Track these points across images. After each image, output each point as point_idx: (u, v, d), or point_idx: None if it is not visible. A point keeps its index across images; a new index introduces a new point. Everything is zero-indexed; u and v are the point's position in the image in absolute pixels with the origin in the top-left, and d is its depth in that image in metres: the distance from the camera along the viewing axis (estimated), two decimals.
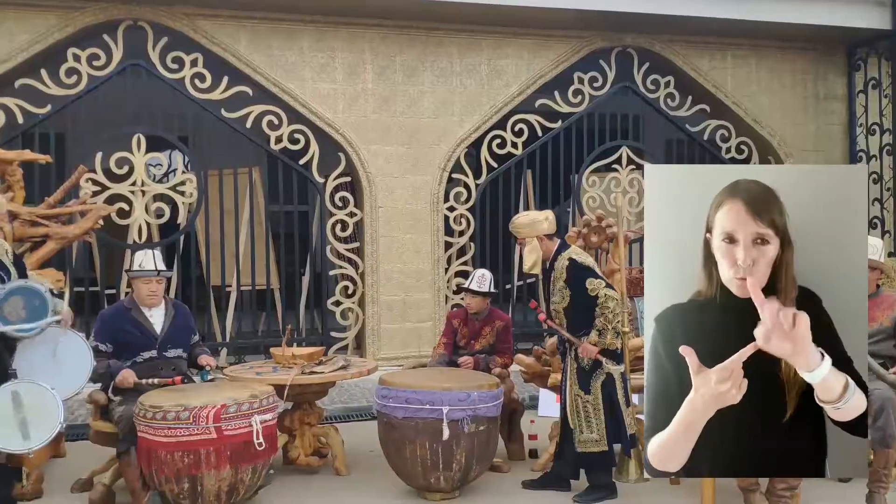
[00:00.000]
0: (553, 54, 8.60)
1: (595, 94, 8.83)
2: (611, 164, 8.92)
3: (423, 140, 8.30)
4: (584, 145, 8.88)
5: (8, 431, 3.56)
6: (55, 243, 5.40)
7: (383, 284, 8.24)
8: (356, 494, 4.63)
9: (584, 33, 8.63)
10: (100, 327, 4.55)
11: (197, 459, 3.91)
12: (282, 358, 5.16)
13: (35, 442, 3.62)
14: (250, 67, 7.80)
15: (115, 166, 7.48)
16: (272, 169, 8.36)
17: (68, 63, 7.36)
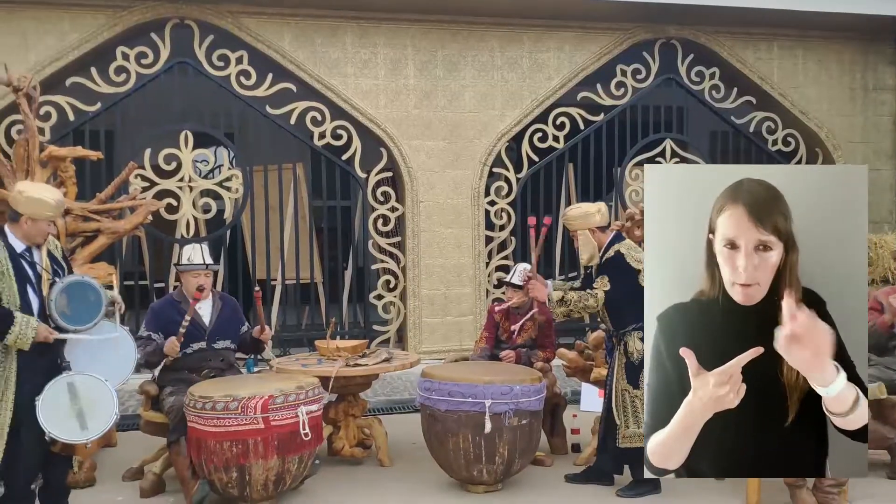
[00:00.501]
0: (595, 47, 8.55)
1: (638, 87, 8.75)
2: (654, 156, 8.84)
3: (464, 134, 8.32)
4: (627, 138, 8.81)
5: (66, 422, 3.66)
6: (106, 238, 5.53)
7: (424, 278, 8.29)
8: (400, 485, 4.67)
9: (626, 25, 8.56)
10: (150, 318, 4.67)
11: (245, 449, 3.99)
12: (326, 350, 5.23)
13: (93, 432, 3.71)
14: (294, 64, 7.89)
15: (164, 162, 7.64)
16: (315, 164, 8.46)
17: (117, 61, 7.54)
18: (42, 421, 3.60)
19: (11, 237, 3.74)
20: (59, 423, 3.64)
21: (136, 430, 4.93)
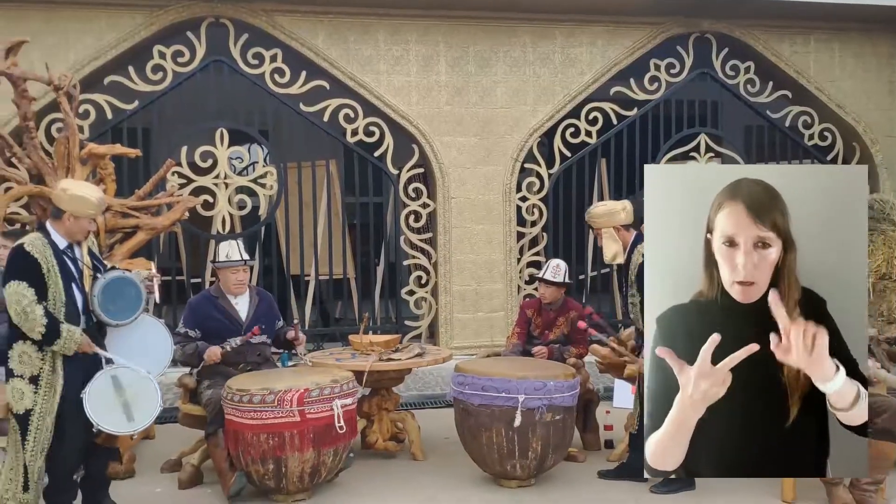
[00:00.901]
0: (628, 41, 8.50)
1: (672, 81, 8.69)
2: (688, 152, 8.77)
3: (496, 130, 8.32)
4: (661, 133, 8.75)
5: (113, 415, 3.74)
6: (145, 234, 5.62)
7: (456, 274, 8.31)
8: (433, 479, 4.71)
9: (660, 19, 8.49)
10: (188, 314, 4.76)
11: (281, 441, 4.06)
12: (360, 345, 5.28)
13: (139, 424, 3.80)
14: (327, 62, 7.96)
15: (200, 160, 7.75)
16: (348, 161, 8.52)
17: (154, 60, 7.66)
18: (90, 414, 3.69)
19: (54, 234, 3.81)
20: (106, 415, 3.72)
21: (175, 423, 5.02)
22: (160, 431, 5.59)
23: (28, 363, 3.70)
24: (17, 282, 3.64)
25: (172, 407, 5.26)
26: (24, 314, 3.61)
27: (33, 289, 3.64)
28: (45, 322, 3.61)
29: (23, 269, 3.67)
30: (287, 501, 4.25)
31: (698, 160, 8.74)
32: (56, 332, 3.65)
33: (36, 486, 3.76)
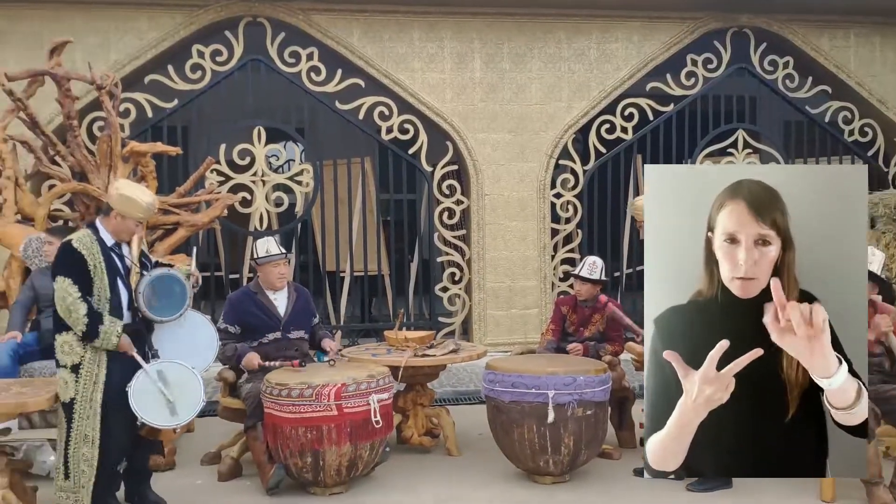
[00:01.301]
0: (664, 36, 8.43)
1: (709, 76, 8.61)
2: (726, 147, 8.69)
3: (530, 127, 8.32)
4: (698, 129, 8.68)
5: (157, 408, 3.82)
6: (185, 230, 5.73)
7: (489, 271, 8.33)
8: (468, 475, 4.73)
9: (697, 14, 8.42)
10: (228, 310, 4.83)
11: (319, 435, 4.11)
12: (395, 341, 5.32)
13: (182, 418, 3.88)
14: (363, 60, 8.02)
15: (238, 157, 7.87)
16: (383, 158, 8.58)
17: (193, 59, 7.79)
18: (135, 407, 3.77)
19: (102, 231, 3.90)
20: (150, 409, 3.80)
21: (214, 416, 5.11)
22: (200, 424, 5.68)
23: (70, 353, 3.81)
24: (63, 277, 3.75)
25: (212, 400, 5.35)
26: (69, 311, 3.73)
27: (78, 285, 3.74)
28: (86, 321, 3.72)
29: (69, 264, 3.78)
30: (325, 494, 4.31)
31: (736, 156, 8.66)
32: (95, 332, 3.74)
33: (78, 474, 3.84)
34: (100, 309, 3.80)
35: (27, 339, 4.89)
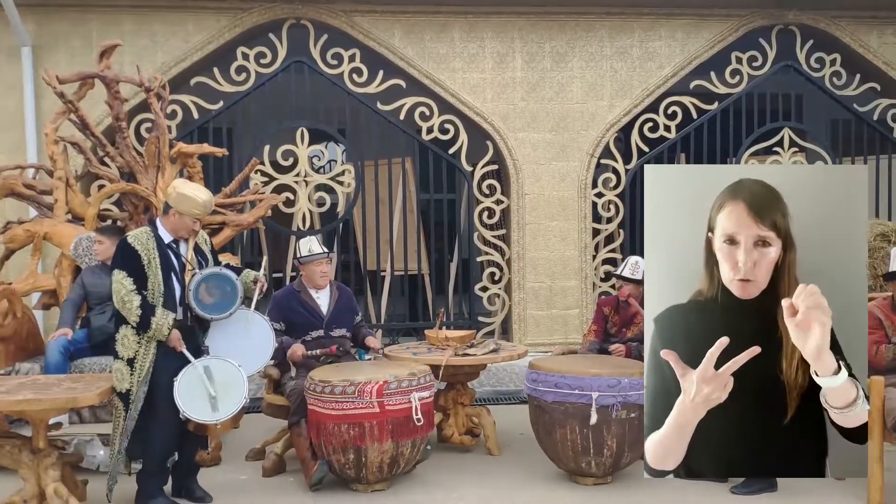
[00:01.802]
0: (709, 34, 8.33)
1: (754, 74, 8.48)
2: (772, 146, 8.56)
3: (571, 126, 8.29)
4: (743, 127, 8.55)
5: (200, 403, 3.90)
6: (231, 230, 5.84)
7: (529, 271, 8.32)
8: (509, 474, 4.73)
9: (742, 12, 8.31)
10: (273, 308, 4.91)
11: (361, 432, 4.15)
12: (435, 340, 5.34)
13: (222, 414, 3.94)
14: (404, 60, 8.06)
15: (282, 158, 7.97)
16: (423, 158, 8.62)
17: (238, 61, 7.91)
18: (178, 400, 3.87)
19: (161, 228, 4.05)
20: (192, 403, 3.89)
21: (259, 413, 5.19)
22: (245, 421, 5.74)
23: (127, 346, 3.94)
24: (118, 270, 3.93)
25: (257, 397, 5.43)
26: (123, 302, 3.89)
27: (132, 278, 3.89)
28: (139, 312, 3.86)
29: (124, 259, 3.95)
30: (367, 491, 4.35)
31: (782, 155, 8.52)
32: (147, 322, 3.87)
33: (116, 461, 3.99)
34: (154, 303, 3.91)
35: (77, 336, 5.02)
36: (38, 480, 3.86)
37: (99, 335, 5.02)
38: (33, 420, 3.89)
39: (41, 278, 5.63)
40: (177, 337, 3.93)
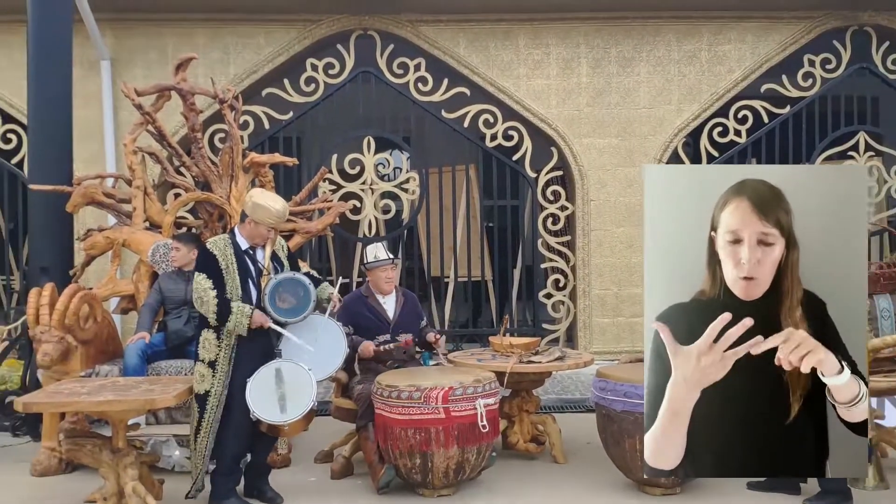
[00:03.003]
0: (780, 37, 8.14)
1: (828, 77, 8.25)
2: (846, 150, 8.29)
3: (638, 131, 8.20)
4: (816, 131, 8.32)
5: (269, 404, 4.01)
6: (301, 237, 5.95)
7: (595, 278, 8.24)
8: (576, 483, 4.70)
9: (814, 13, 8.09)
10: (341, 312, 4.99)
11: (427, 437, 4.19)
12: (500, 346, 5.34)
13: (290, 416, 4.03)
14: (468, 68, 8.11)
15: (349, 166, 8.11)
16: (487, 165, 8.64)
17: (307, 72, 8.08)
18: (249, 400, 3.98)
19: (238, 236, 4.23)
20: (262, 404, 4.00)
21: (327, 416, 5.27)
22: (314, 424, 5.80)
23: (208, 348, 4.11)
24: (198, 273, 4.13)
25: (325, 400, 5.52)
26: (201, 300, 4.07)
27: (211, 280, 4.07)
28: (216, 302, 4.03)
29: (203, 263, 4.16)
30: (433, 496, 4.38)
31: (857, 159, 8.26)
32: (227, 310, 4.03)
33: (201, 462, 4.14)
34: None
35: (155, 340, 5.19)
36: (117, 479, 4.01)
37: (175, 339, 5.18)
38: (113, 420, 4.05)
39: (120, 284, 5.83)
40: (259, 316, 4.05)
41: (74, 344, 4.90)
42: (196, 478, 4.18)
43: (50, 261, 5.89)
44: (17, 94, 7.53)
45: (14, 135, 8.01)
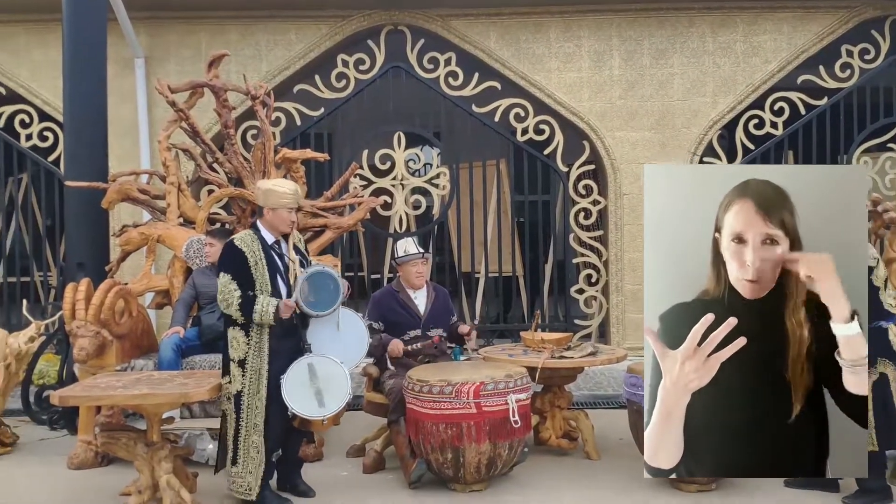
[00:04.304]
0: (817, 27, 7.98)
1: (866, 68, 8.07)
2: (885, 142, 8.12)
3: (672, 124, 8.09)
4: (854, 123, 8.15)
5: (306, 400, 4.02)
6: (332, 233, 5.96)
7: (628, 273, 8.16)
8: (609, 480, 4.65)
9: (852, 3, 7.92)
10: (372, 307, 5.02)
11: (459, 432, 4.18)
12: (532, 342, 5.31)
13: (329, 410, 4.05)
14: (499, 62, 8.07)
15: (379, 162, 8.12)
16: (517, 160, 8.60)
17: (338, 68, 8.10)
18: (286, 397, 3.98)
19: (262, 230, 4.18)
20: (300, 400, 4.00)
21: (359, 410, 5.29)
22: (346, 418, 5.85)
23: (237, 347, 4.08)
24: (223, 274, 4.08)
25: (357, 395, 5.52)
26: (225, 301, 4.03)
27: (237, 281, 4.02)
28: (239, 303, 3.98)
29: (230, 261, 4.10)
30: (465, 491, 4.37)
31: None
32: (251, 302, 3.98)
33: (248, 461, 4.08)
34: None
35: (189, 334, 5.23)
36: (151, 472, 4.06)
37: (209, 333, 5.22)
38: (148, 414, 4.09)
39: (155, 279, 5.89)
40: (287, 303, 4.01)
41: (110, 338, 4.96)
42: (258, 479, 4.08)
43: (86, 256, 5.97)
44: (53, 92, 7.65)
45: (51, 133, 8.14)
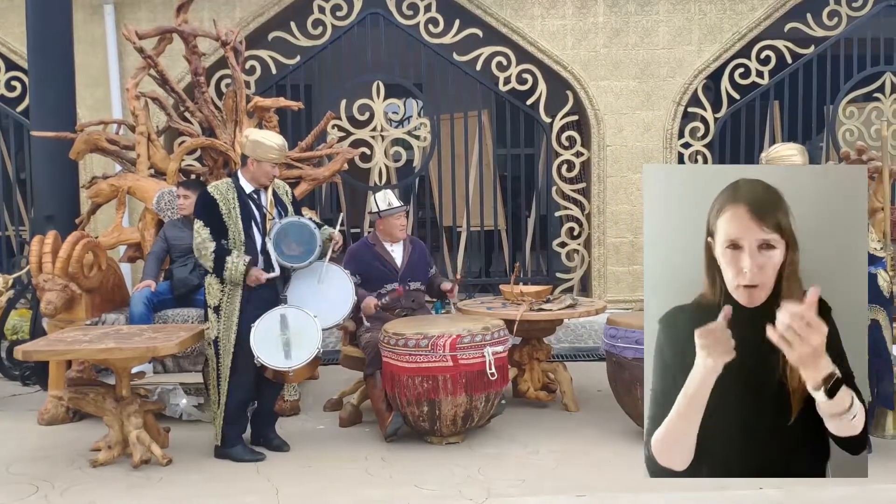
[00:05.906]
0: None
1: (854, 16, 7.91)
2: (872, 92, 8.01)
3: (657, 73, 7.93)
4: (841, 72, 8.02)
5: (273, 350, 3.98)
6: (307, 184, 5.83)
7: (610, 226, 8.08)
8: (587, 431, 4.64)
9: None
10: (348, 260, 4.92)
11: (435, 385, 4.13)
12: (511, 294, 5.26)
13: (295, 362, 3.99)
14: (480, 9, 7.85)
15: (358, 113, 7.93)
16: (500, 111, 8.41)
17: (314, 15, 7.85)
18: (253, 345, 3.94)
19: (242, 180, 4.14)
20: (267, 349, 3.96)
21: (336, 364, 5.24)
22: (323, 372, 5.84)
23: (212, 294, 4.08)
24: (197, 220, 4.07)
25: (334, 349, 5.48)
26: (199, 250, 4.03)
27: (209, 227, 4.00)
28: (213, 256, 3.98)
29: (202, 208, 4.09)
30: (441, 443, 4.34)
31: (883, 101, 7.97)
32: (222, 265, 3.97)
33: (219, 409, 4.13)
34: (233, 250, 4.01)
35: (161, 288, 5.13)
36: (121, 427, 4.00)
37: (181, 287, 5.13)
38: (116, 369, 4.01)
39: (126, 232, 5.76)
40: (257, 273, 3.99)
41: (78, 292, 4.85)
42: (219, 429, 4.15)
43: (55, 209, 5.82)
44: (19, 39, 7.38)
45: (18, 82, 7.90)
